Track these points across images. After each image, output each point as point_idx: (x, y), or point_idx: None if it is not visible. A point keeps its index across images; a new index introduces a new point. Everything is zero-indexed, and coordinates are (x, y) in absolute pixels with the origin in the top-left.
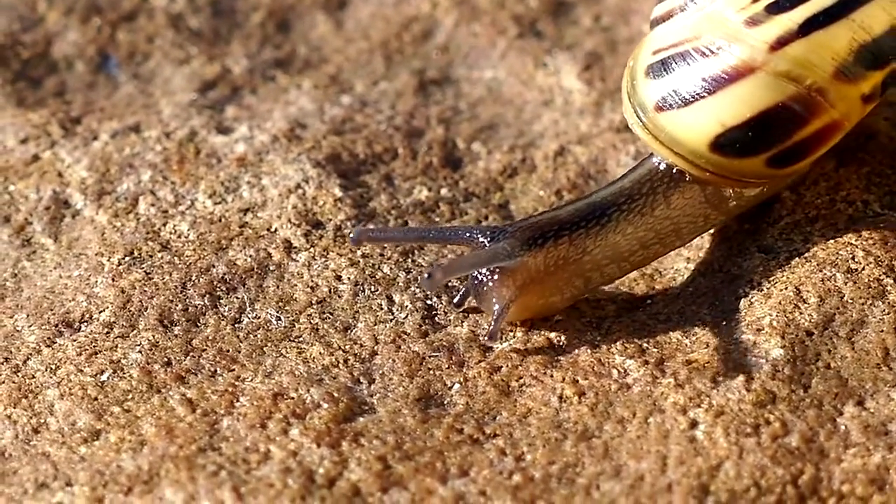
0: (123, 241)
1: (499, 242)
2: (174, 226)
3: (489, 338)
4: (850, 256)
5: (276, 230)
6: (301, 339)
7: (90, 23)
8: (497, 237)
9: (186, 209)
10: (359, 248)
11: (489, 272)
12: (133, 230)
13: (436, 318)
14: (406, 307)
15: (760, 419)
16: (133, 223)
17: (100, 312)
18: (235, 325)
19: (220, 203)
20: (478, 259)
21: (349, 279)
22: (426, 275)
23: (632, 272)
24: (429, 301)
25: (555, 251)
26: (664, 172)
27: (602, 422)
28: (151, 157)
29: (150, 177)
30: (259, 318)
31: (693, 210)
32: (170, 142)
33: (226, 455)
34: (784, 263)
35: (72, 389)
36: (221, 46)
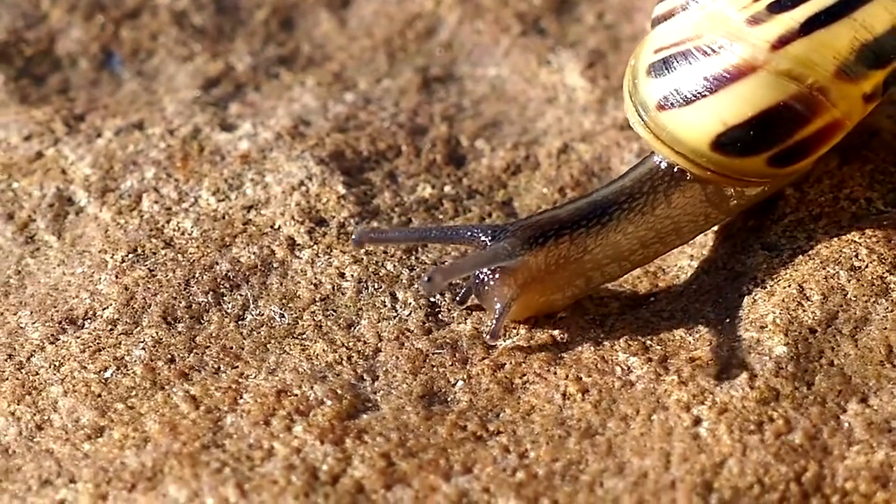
0: (127, 238)
1: (500, 242)
2: (178, 223)
3: (491, 336)
4: (854, 254)
5: (280, 227)
6: (304, 336)
7: (94, 20)
8: (498, 236)
9: (190, 206)
10: (361, 249)
11: (490, 271)
12: (137, 227)
13: (439, 316)
14: (409, 304)
15: (764, 416)
16: (137, 220)
17: (103, 309)
18: (239, 322)
19: (224, 200)
20: (478, 260)
21: (352, 276)
22: (426, 278)
23: (632, 270)
24: (432, 298)
25: (556, 250)
26: (665, 171)
27: (605, 419)
28: (155, 155)
29: (154, 174)
30: (262, 315)
31: (694, 209)
32: (173, 139)
33: (229, 452)
34: (787, 261)
35: (75, 386)
36: (225, 43)
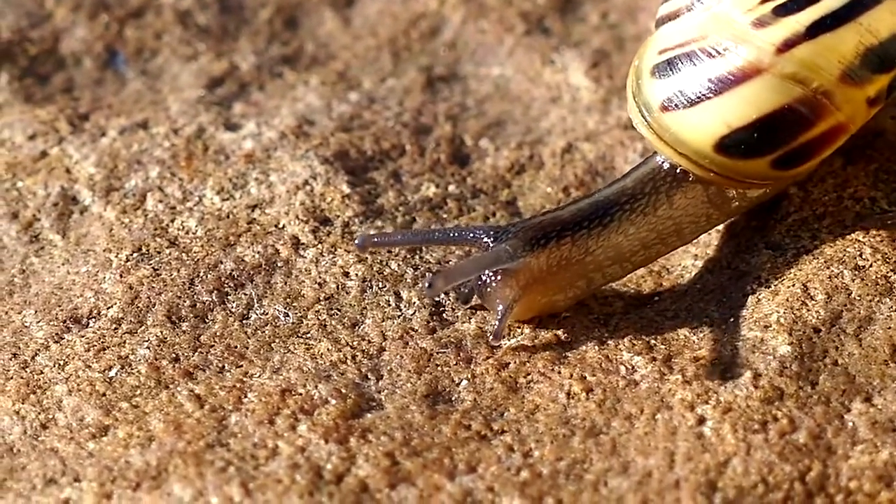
0: (131, 238)
1: (502, 243)
2: (182, 222)
3: (494, 337)
4: (858, 253)
5: (284, 227)
6: (309, 336)
7: (98, 19)
8: (500, 237)
9: (194, 205)
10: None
11: (492, 273)
12: (141, 226)
13: (443, 315)
14: (414, 304)
15: (768, 416)
16: (141, 219)
17: (108, 308)
18: (243, 322)
19: (228, 199)
20: (480, 263)
21: (357, 276)
22: (427, 283)
23: (634, 271)
24: (436, 298)
25: (557, 251)
26: (667, 172)
27: (610, 418)
28: (159, 154)
29: (158, 173)
30: (267, 315)
31: (695, 210)
32: (178, 138)
33: (234, 451)
34: (791, 260)
35: (80, 385)
36: (229, 43)
